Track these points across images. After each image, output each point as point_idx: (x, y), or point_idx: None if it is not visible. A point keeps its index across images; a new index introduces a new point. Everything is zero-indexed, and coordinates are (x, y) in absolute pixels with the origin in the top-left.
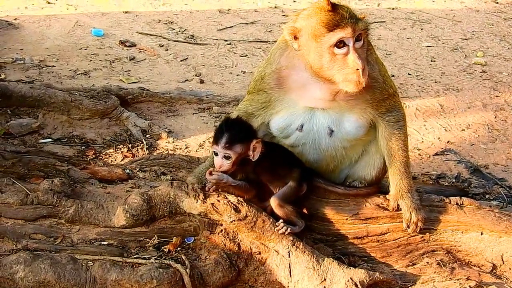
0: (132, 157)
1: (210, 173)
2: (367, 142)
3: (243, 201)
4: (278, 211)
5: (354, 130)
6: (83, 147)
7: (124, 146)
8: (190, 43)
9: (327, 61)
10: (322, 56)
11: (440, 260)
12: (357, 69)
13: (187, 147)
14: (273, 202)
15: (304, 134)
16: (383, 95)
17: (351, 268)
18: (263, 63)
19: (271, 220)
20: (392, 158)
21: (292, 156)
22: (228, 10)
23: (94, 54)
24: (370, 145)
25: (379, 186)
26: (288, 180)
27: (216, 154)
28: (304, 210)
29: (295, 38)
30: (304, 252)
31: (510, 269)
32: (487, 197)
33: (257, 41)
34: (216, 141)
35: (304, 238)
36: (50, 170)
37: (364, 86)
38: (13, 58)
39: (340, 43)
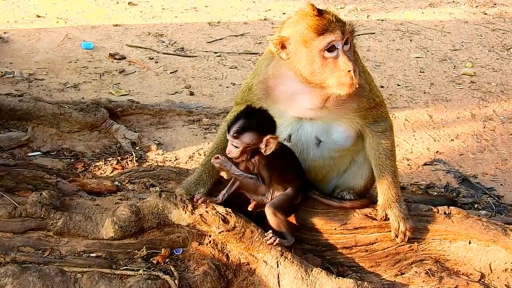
0: (121, 169)
1: (216, 158)
2: (355, 152)
3: (231, 211)
4: (270, 219)
5: (342, 140)
6: (72, 160)
7: (114, 159)
8: (180, 55)
9: (319, 65)
10: (314, 61)
11: (428, 269)
12: (349, 71)
13: (176, 159)
14: (268, 209)
15: (292, 145)
16: (370, 103)
17: (340, 278)
18: (250, 74)
19: (260, 230)
20: (379, 168)
21: (300, 164)
22: (218, 22)
23: (83, 67)
24: (358, 155)
25: (371, 197)
26: (288, 186)
27: None
28: (294, 221)
29: (283, 47)
30: (293, 262)
31: (498, 278)
32: (476, 206)
33: (246, 53)
34: (228, 128)
35: (292, 248)
36: (38, 183)
37: (357, 86)
38: (2, 72)
39: (331, 47)
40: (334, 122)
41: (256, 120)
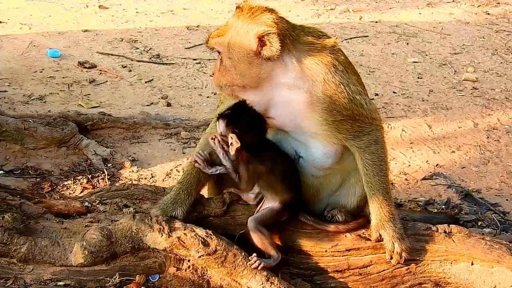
0: (92, 189)
1: (214, 138)
2: (345, 172)
3: (212, 233)
4: (253, 234)
5: (322, 157)
6: (38, 179)
7: (84, 177)
8: (155, 63)
9: None
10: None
11: None
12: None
13: (152, 177)
14: (250, 223)
15: None
16: (336, 116)
17: None
18: None
19: (243, 254)
20: (368, 186)
21: (297, 177)
22: (197, 26)
23: (50, 77)
24: (350, 176)
25: (367, 215)
26: (277, 198)
27: None
28: (278, 242)
29: None
30: None
31: None
32: (479, 224)
33: None
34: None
35: (279, 273)
36: (0, 205)
37: None
38: None
39: None
40: (308, 136)
41: (236, 113)
